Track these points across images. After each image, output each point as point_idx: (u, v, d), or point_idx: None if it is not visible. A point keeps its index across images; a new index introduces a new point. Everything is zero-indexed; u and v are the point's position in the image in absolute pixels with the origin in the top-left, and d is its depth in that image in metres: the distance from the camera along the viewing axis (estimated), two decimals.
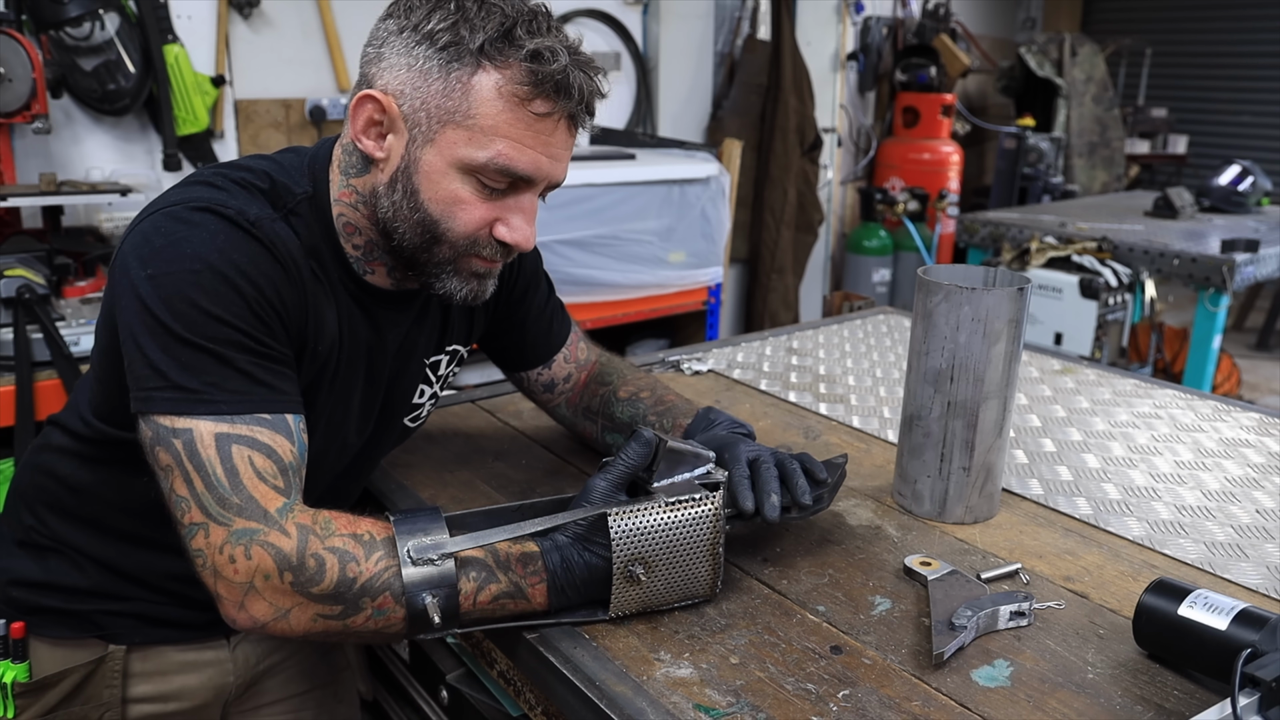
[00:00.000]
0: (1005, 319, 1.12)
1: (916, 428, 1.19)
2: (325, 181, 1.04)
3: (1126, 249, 3.43)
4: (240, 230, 0.94)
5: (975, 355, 1.13)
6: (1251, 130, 7.06)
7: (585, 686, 0.87)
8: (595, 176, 2.97)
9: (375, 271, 1.07)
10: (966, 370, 1.14)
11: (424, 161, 0.97)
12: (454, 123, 0.95)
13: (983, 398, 1.14)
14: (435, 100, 0.95)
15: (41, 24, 2.61)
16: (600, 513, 0.93)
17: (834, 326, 2.11)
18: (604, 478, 0.98)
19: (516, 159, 0.96)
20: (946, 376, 1.15)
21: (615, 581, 0.93)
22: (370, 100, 0.97)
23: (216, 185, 0.98)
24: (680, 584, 0.97)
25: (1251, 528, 1.19)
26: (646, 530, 0.93)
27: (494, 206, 0.99)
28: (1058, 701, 0.85)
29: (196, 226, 0.92)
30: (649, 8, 4.38)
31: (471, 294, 1.05)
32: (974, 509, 1.19)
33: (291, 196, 1.02)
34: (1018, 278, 1.18)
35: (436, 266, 1.02)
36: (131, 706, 1.14)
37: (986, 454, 1.17)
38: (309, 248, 1.01)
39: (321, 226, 1.03)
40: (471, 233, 0.99)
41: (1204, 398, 1.67)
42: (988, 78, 6.32)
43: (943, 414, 1.16)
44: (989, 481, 1.19)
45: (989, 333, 1.12)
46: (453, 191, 0.97)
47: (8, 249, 2.33)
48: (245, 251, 0.93)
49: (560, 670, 0.90)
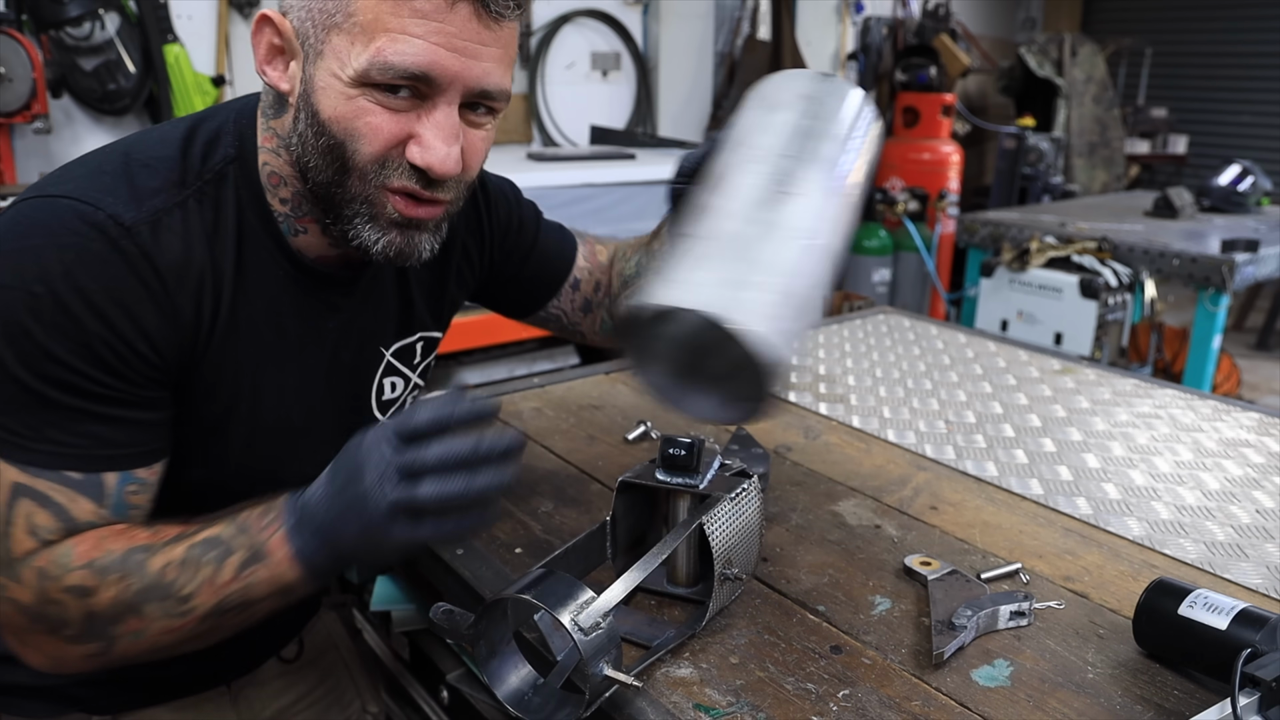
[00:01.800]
0: (794, 93, 0.90)
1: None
2: (253, 134, 0.92)
3: (1126, 249, 3.43)
4: (104, 241, 0.81)
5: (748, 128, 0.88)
6: (1251, 130, 7.06)
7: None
8: (595, 176, 2.97)
9: (307, 230, 0.94)
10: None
11: (318, 79, 0.84)
12: (336, 26, 0.81)
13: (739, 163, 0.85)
14: (318, 5, 0.82)
15: (42, 24, 2.61)
16: (697, 524, 0.92)
17: (834, 326, 2.11)
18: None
19: (401, 53, 0.80)
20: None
21: (716, 586, 0.92)
22: (266, 22, 0.86)
23: (104, 170, 0.86)
24: (747, 571, 0.98)
25: (1251, 528, 1.19)
26: (730, 532, 0.94)
27: (404, 121, 0.84)
28: (1058, 701, 0.85)
29: (53, 232, 0.80)
30: (649, 8, 4.39)
31: (392, 247, 0.89)
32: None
33: (208, 168, 0.89)
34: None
35: (351, 206, 0.87)
36: None
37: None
38: (223, 233, 0.89)
39: (249, 191, 0.91)
40: (379, 152, 0.84)
41: (1204, 398, 1.67)
42: (988, 78, 6.32)
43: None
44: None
45: (771, 105, 0.89)
46: (352, 107, 0.83)
47: None
48: (99, 273, 0.80)
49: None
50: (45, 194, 0.84)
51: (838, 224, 0.83)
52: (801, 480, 1.31)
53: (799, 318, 0.78)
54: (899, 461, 1.38)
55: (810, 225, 0.81)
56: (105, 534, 0.82)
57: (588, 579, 0.88)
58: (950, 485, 1.30)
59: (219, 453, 0.94)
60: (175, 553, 0.80)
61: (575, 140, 4.13)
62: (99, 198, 0.82)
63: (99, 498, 0.83)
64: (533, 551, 1.10)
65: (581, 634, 0.78)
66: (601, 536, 1.01)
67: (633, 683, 0.80)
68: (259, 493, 0.91)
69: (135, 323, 0.82)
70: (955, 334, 2.04)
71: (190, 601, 0.79)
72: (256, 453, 0.97)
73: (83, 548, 0.81)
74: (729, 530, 0.94)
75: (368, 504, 0.73)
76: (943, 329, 2.08)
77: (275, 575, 0.79)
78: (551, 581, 0.82)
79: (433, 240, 0.92)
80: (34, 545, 0.81)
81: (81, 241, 0.80)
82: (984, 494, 1.28)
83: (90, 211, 0.81)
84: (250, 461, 0.97)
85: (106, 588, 0.79)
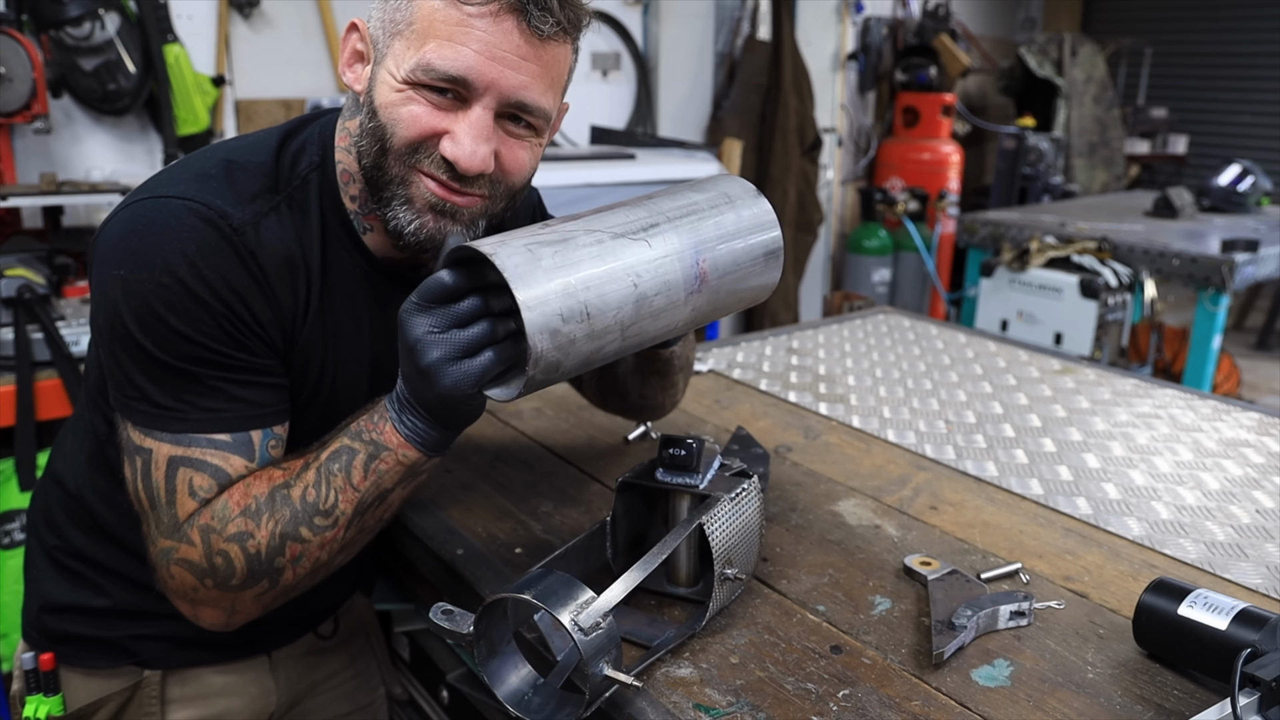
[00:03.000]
0: (721, 190, 0.99)
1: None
2: (334, 142, 1.01)
3: (1126, 249, 3.43)
4: (218, 236, 0.91)
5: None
6: (1251, 130, 7.05)
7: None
8: (595, 176, 2.97)
9: (373, 228, 1.02)
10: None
11: (379, 78, 0.93)
12: (398, 33, 0.91)
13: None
14: (389, 15, 0.92)
15: (42, 24, 2.61)
16: (697, 524, 0.93)
17: (834, 326, 2.11)
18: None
19: (444, 56, 0.88)
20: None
21: (716, 586, 0.92)
22: (353, 29, 0.96)
23: (209, 174, 0.95)
24: (747, 571, 0.98)
25: (1251, 528, 1.19)
26: (730, 531, 0.94)
27: (442, 118, 0.91)
28: (1058, 701, 0.85)
29: (172, 229, 0.90)
30: (649, 8, 4.38)
31: (424, 229, 0.95)
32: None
33: (296, 175, 0.99)
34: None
35: (390, 188, 0.95)
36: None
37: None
38: (310, 233, 0.98)
39: (329, 196, 1.00)
40: (414, 138, 0.92)
41: (1204, 398, 1.67)
42: (988, 78, 6.32)
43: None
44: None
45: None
46: (399, 99, 0.91)
47: (8, 249, 2.33)
48: (217, 263, 0.90)
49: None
50: (159, 195, 0.93)
51: (669, 286, 0.87)
52: (801, 480, 1.31)
53: (575, 323, 0.80)
54: (899, 461, 1.38)
55: (640, 268, 0.85)
56: (250, 481, 0.92)
57: (588, 579, 0.88)
58: (950, 485, 1.30)
59: (299, 431, 1.01)
60: (309, 476, 0.91)
61: (575, 140, 4.13)
62: (210, 199, 0.92)
63: (249, 454, 0.93)
64: (533, 551, 1.10)
65: (581, 634, 0.78)
66: (601, 536, 1.01)
67: (633, 683, 0.80)
68: None
69: (249, 308, 0.93)
70: (955, 334, 2.04)
71: (334, 511, 0.90)
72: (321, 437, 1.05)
73: (235, 498, 0.91)
74: (729, 530, 0.94)
75: (425, 369, 0.82)
76: (943, 329, 2.08)
77: (399, 460, 0.89)
78: (551, 581, 0.82)
79: (465, 234, 0.97)
80: (195, 506, 0.91)
81: (200, 233, 0.90)
82: (984, 494, 1.28)
83: (204, 210, 0.91)
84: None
85: (263, 527, 0.89)
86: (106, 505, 1.06)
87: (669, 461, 0.98)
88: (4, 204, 2.32)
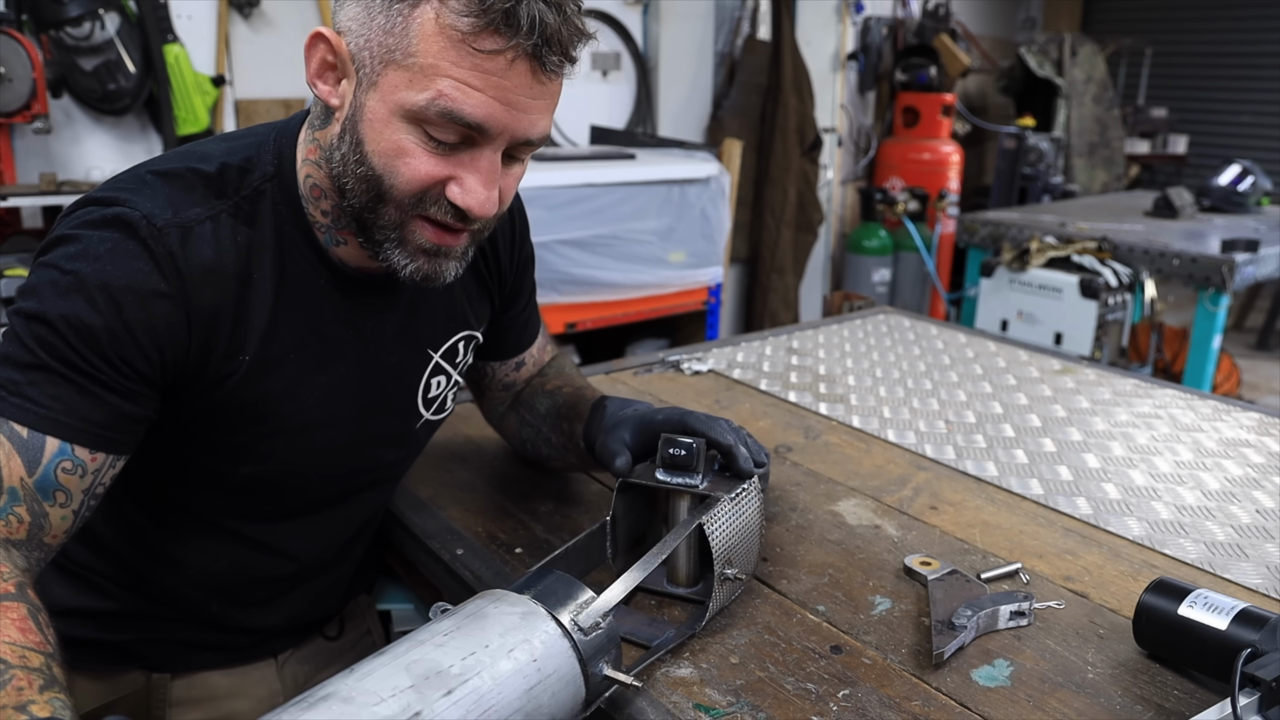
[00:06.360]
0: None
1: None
2: (293, 151, 0.96)
3: (1126, 249, 3.43)
4: (134, 241, 0.86)
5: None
6: (1251, 130, 7.05)
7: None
8: (595, 176, 2.97)
9: (346, 242, 0.97)
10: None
11: (368, 108, 0.86)
12: (395, 62, 0.84)
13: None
14: (378, 38, 0.84)
15: (42, 24, 2.61)
16: (697, 524, 0.92)
17: (834, 326, 2.11)
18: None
19: (461, 102, 0.83)
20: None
21: (716, 586, 0.92)
22: (321, 39, 0.88)
23: (146, 181, 0.91)
24: (747, 571, 0.98)
25: (1251, 528, 1.19)
26: (730, 532, 0.94)
27: (446, 163, 0.87)
28: (1058, 701, 0.85)
29: (96, 227, 0.86)
30: (649, 8, 4.39)
31: (419, 272, 0.92)
32: None
33: (246, 183, 0.94)
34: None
35: (382, 231, 0.91)
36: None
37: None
38: (260, 247, 0.93)
39: (288, 207, 0.95)
40: (417, 189, 0.87)
41: (1204, 398, 1.67)
42: (988, 78, 6.32)
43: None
44: None
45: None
46: (397, 142, 0.86)
47: (8, 249, 2.33)
48: (124, 266, 0.85)
49: None
50: (95, 196, 0.90)
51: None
52: (801, 480, 1.31)
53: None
54: (899, 461, 1.38)
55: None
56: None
57: (588, 579, 0.88)
58: (950, 485, 1.30)
59: (266, 450, 0.98)
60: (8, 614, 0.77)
61: (575, 140, 4.13)
62: (139, 201, 0.88)
63: (33, 463, 0.83)
64: (533, 551, 1.10)
65: (581, 634, 0.78)
66: (601, 536, 1.01)
67: (633, 683, 0.80)
68: (307, 487, 1.03)
69: (146, 314, 0.86)
70: (955, 334, 2.04)
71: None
72: (302, 450, 1.01)
73: None
74: (729, 530, 0.94)
75: None
76: (943, 329, 2.08)
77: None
78: (551, 581, 0.82)
79: (459, 265, 0.96)
80: None
81: (119, 237, 0.86)
82: (984, 494, 1.28)
83: (128, 212, 0.87)
84: (296, 458, 1.01)
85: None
86: (104, 521, 1.04)
87: (669, 461, 0.98)
88: (4, 204, 2.32)
